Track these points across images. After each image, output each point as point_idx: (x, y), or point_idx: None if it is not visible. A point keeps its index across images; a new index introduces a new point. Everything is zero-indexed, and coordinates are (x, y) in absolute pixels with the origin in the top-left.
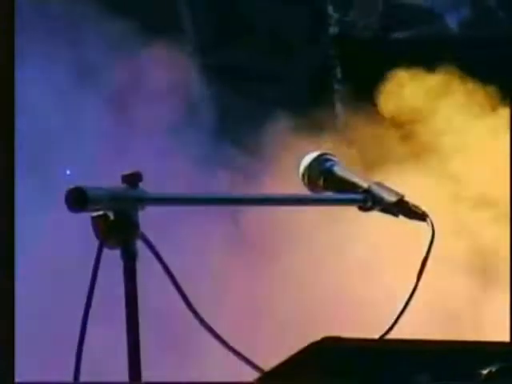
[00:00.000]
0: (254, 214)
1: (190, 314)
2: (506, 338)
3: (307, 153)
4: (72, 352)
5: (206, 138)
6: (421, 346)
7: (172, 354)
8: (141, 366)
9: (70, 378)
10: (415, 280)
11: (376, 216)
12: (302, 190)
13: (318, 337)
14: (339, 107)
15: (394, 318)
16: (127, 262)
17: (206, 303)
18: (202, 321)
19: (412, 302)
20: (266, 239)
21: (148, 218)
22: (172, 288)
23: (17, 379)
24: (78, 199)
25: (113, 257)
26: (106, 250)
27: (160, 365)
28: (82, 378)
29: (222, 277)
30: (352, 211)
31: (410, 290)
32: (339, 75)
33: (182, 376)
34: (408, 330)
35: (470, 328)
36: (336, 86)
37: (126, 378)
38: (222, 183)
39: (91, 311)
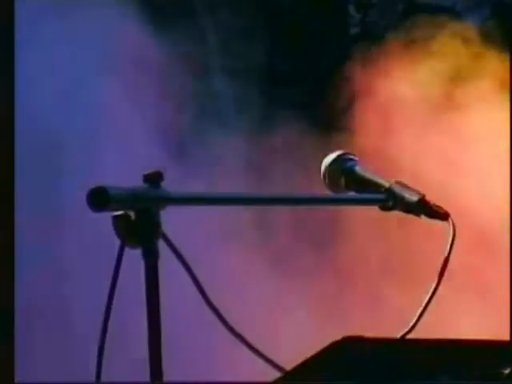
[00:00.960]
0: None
1: (210, 314)
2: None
3: (329, 153)
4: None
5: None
6: (441, 346)
7: (194, 353)
8: (162, 366)
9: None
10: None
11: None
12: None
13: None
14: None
15: (416, 317)
16: (149, 261)
17: (227, 301)
18: (223, 320)
19: None
20: None
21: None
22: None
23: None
24: (99, 199)
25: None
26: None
27: (180, 365)
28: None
29: (243, 275)
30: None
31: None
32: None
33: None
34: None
35: None
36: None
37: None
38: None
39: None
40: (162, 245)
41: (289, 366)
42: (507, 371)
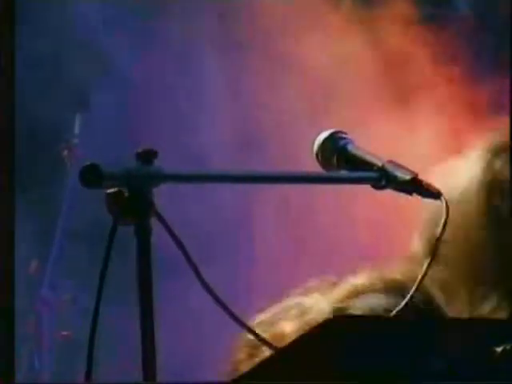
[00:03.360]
0: None
1: (206, 296)
2: None
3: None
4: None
5: None
6: (431, 325)
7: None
8: (155, 358)
9: None
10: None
11: None
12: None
13: None
14: None
15: (407, 297)
16: (141, 239)
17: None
18: (218, 300)
19: None
20: None
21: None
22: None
23: None
24: (92, 176)
25: None
26: None
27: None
28: None
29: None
30: None
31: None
32: None
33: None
34: None
35: None
36: None
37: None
38: None
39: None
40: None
41: None
42: (500, 349)
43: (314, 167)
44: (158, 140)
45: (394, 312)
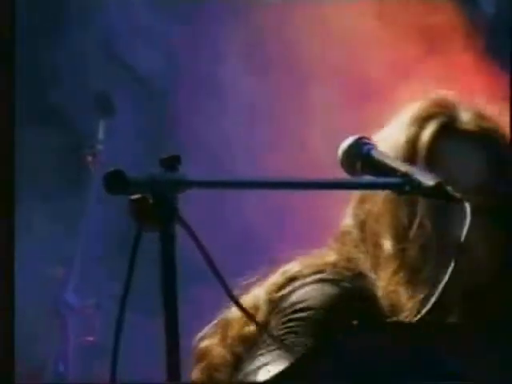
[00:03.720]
0: None
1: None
2: None
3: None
4: None
5: None
6: (449, 331)
7: None
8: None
9: None
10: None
11: None
12: None
13: None
14: None
15: (431, 301)
16: (165, 245)
17: None
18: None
19: None
20: None
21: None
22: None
23: None
24: (117, 182)
25: None
26: None
27: None
28: None
29: None
30: None
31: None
32: None
33: None
34: None
35: None
36: None
37: None
38: None
39: None
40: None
41: None
42: None
43: None
44: (183, 146)
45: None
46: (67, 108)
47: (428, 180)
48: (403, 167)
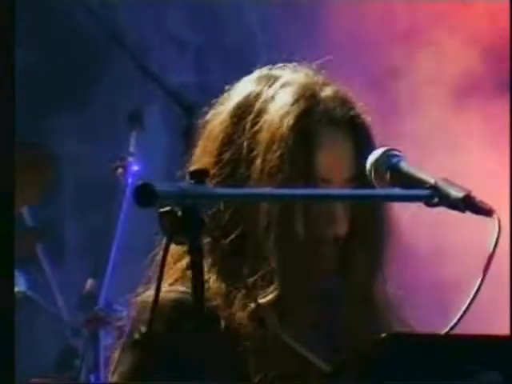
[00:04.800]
0: None
1: None
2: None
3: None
4: None
5: None
6: (488, 342)
7: None
8: None
9: None
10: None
11: None
12: None
13: None
14: None
15: (460, 313)
16: (194, 257)
17: None
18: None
19: None
20: None
21: None
22: None
23: None
24: (146, 195)
25: None
26: None
27: None
28: None
29: None
30: None
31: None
32: None
33: None
34: None
35: None
36: None
37: None
38: None
39: None
40: None
41: None
42: None
43: None
44: None
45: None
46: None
47: (457, 192)
48: (432, 179)
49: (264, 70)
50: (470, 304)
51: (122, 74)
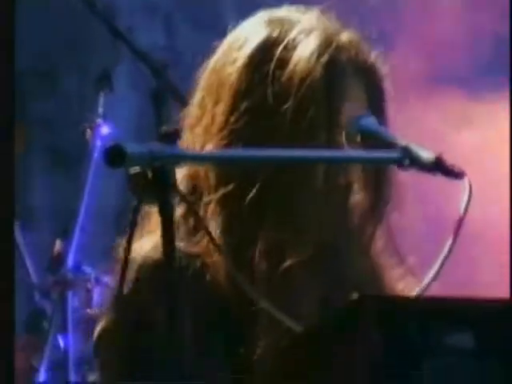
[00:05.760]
0: None
1: None
2: None
3: None
4: None
5: None
6: (460, 305)
7: None
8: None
9: None
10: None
11: None
12: None
13: None
14: None
15: (430, 277)
16: (164, 218)
17: None
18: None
19: None
20: None
21: None
22: None
23: None
24: (116, 156)
25: None
26: None
27: None
28: None
29: None
30: None
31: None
32: None
33: None
34: None
35: None
36: None
37: None
38: None
39: None
40: None
41: None
42: None
43: None
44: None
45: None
46: (67, 83)
47: (428, 154)
48: (402, 141)
49: (272, 13)
50: (440, 267)
51: (92, 36)
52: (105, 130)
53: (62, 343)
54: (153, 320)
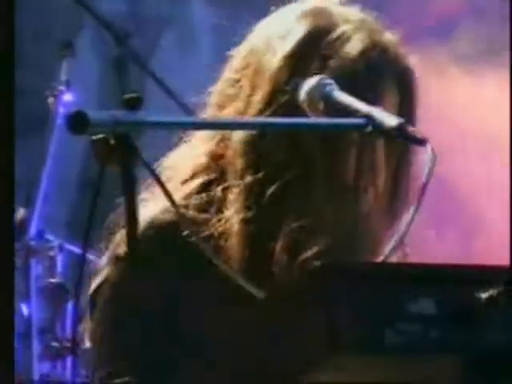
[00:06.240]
0: None
1: None
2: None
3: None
4: None
5: None
6: (418, 271)
7: None
8: None
9: None
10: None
11: None
12: None
13: None
14: None
15: (392, 243)
16: (127, 185)
17: None
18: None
19: None
20: None
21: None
22: None
23: None
24: (78, 122)
25: None
26: None
27: None
28: None
29: None
30: None
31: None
32: None
33: None
34: None
35: None
36: None
37: None
38: None
39: None
40: None
41: None
42: (486, 295)
43: None
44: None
45: None
46: (30, 52)
47: (390, 121)
48: (365, 108)
49: (315, 3)
50: (403, 234)
51: (54, 2)
52: (67, 97)
53: (25, 311)
54: (161, 278)
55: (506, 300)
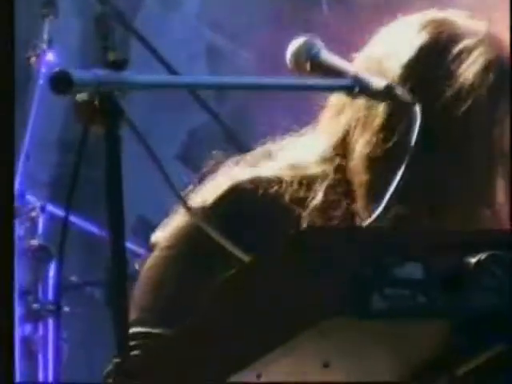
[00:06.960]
0: None
1: None
2: None
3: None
4: None
5: None
6: (405, 237)
7: None
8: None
9: None
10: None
11: None
12: None
13: None
14: None
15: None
16: (111, 146)
17: None
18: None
19: None
20: None
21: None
22: None
23: None
24: (62, 82)
25: None
26: None
27: None
28: None
29: None
30: None
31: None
32: None
33: None
34: None
35: None
36: None
37: None
38: None
39: None
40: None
41: None
42: (474, 260)
43: None
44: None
45: None
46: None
47: (378, 82)
48: (352, 69)
49: (436, 13)
50: (390, 196)
51: None
52: (50, 56)
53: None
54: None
55: (494, 264)
